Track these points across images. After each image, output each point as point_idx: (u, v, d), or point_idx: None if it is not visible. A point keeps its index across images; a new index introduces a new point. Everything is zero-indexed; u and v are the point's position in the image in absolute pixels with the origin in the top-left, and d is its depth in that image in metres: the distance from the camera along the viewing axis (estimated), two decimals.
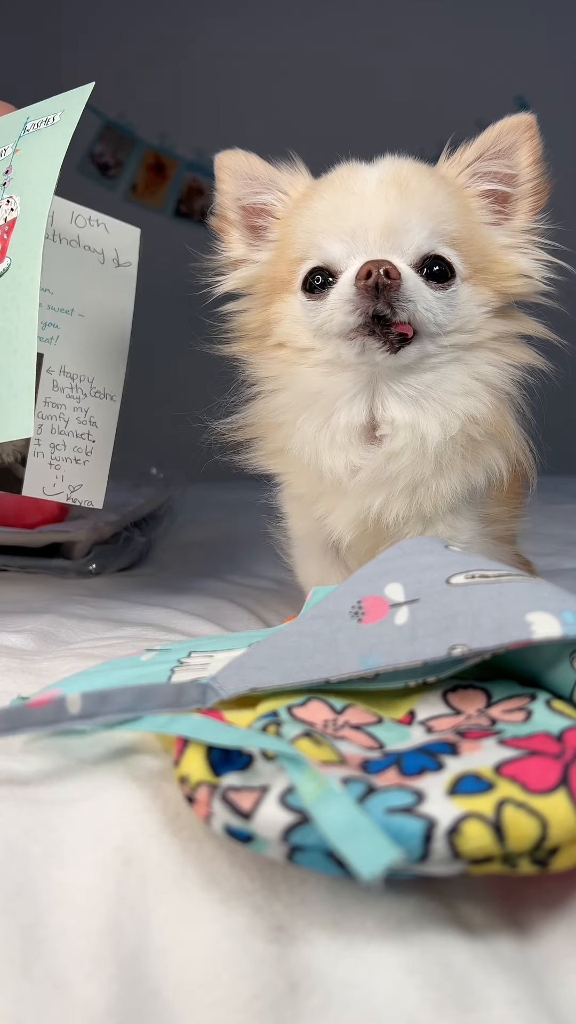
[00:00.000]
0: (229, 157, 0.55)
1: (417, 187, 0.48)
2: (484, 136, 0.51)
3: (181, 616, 0.64)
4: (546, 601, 0.29)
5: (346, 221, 0.48)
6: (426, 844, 0.23)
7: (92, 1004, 0.23)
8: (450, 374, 0.49)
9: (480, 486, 0.52)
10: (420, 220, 0.47)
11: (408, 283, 0.46)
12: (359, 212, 0.47)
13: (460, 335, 0.49)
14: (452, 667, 0.31)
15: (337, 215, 0.48)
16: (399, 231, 0.47)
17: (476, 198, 0.51)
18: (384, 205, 0.47)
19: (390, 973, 0.23)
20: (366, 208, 0.47)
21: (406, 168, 0.50)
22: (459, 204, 0.50)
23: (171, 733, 0.29)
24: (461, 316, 0.49)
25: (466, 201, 0.51)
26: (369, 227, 0.47)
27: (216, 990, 0.23)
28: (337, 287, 0.48)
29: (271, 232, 0.55)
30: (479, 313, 0.50)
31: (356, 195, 0.48)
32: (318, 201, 0.50)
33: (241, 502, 0.68)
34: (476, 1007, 0.23)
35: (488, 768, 0.25)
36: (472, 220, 0.50)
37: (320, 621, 0.33)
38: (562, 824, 0.24)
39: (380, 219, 0.47)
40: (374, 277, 0.45)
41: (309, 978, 0.23)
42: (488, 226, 0.51)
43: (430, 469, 0.49)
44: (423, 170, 0.51)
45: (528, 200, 0.51)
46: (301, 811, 0.24)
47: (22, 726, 0.31)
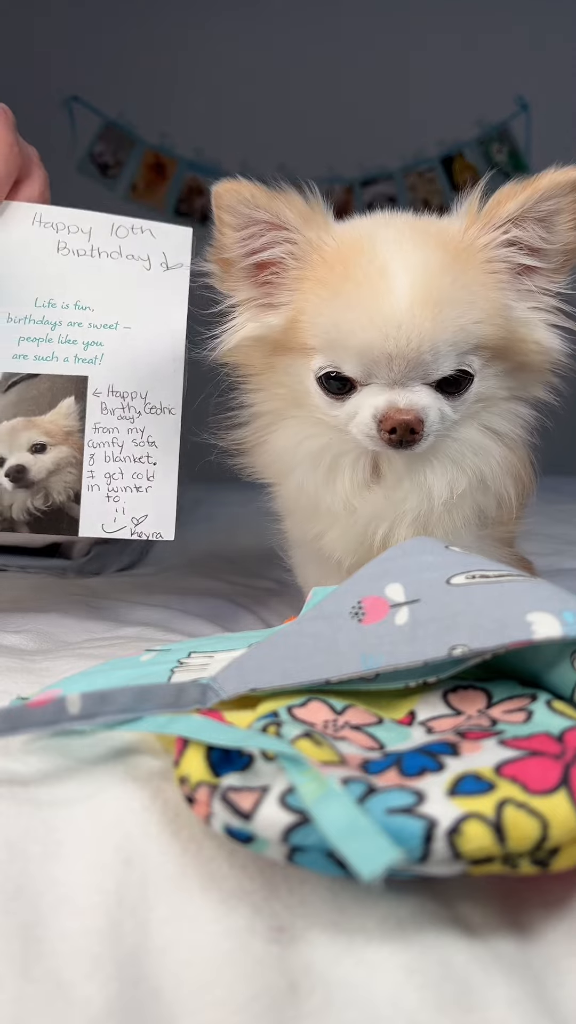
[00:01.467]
0: (230, 192, 0.47)
1: (451, 310, 0.43)
2: (524, 196, 0.45)
3: (181, 616, 0.64)
4: (546, 601, 0.29)
5: (371, 350, 0.43)
6: (426, 844, 0.23)
7: (92, 1004, 0.23)
8: (461, 435, 0.47)
9: (491, 512, 0.51)
10: (451, 348, 0.43)
11: (431, 417, 0.44)
12: (385, 343, 0.43)
13: (474, 404, 0.47)
14: (452, 667, 0.31)
15: (362, 340, 0.43)
16: (428, 363, 0.43)
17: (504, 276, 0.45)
18: (415, 339, 0.42)
19: (390, 973, 0.23)
20: (393, 340, 0.43)
21: (437, 279, 0.43)
22: (492, 298, 0.44)
23: (171, 733, 0.29)
24: (481, 397, 0.46)
25: (496, 290, 0.45)
26: (394, 358, 0.43)
27: (216, 990, 0.23)
28: (355, 404, 0.45)
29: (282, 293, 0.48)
30: (496, 383, 0.47)
31: (385, 321, 0.43)
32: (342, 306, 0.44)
33: (241, 502, 0.68)
34: (476, 1007, 0.22)
35: (489, 768, 0.25)
36: (503, 310, 0.45)
37: (320, 621, 0.33)
38: (563, 824, 0.24)
39: (410, 355, 0.43)
40: (400, 434, 0.44)
41: (309, 978, 0.23)
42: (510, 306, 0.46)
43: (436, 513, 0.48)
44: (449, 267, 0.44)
45: (557, 263, 0.46)
46: (301, 811, 0.24)
47: (22, 726, 0.31)
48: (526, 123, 2.16)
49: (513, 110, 2.16)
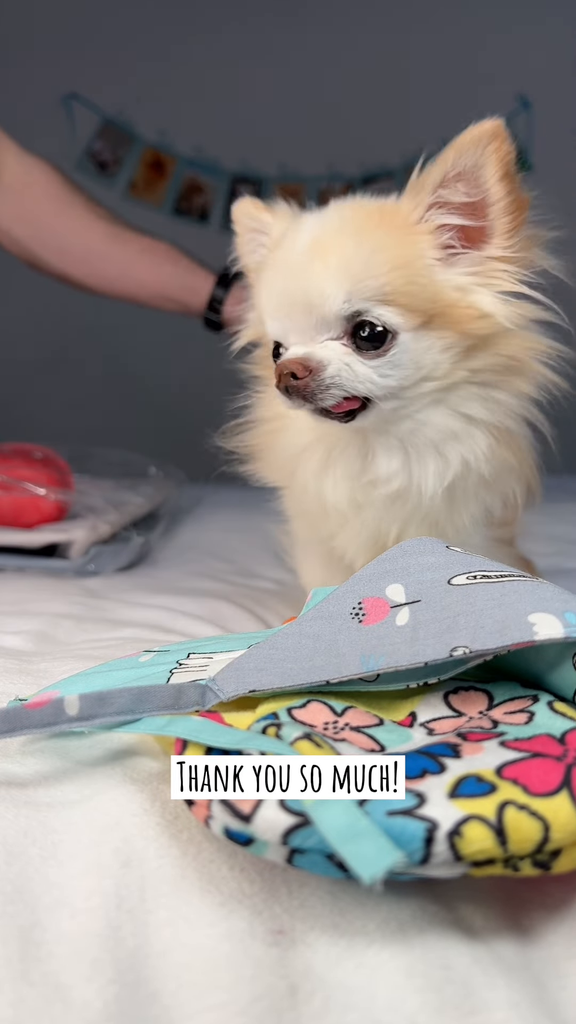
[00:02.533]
0: (237, 210, 0.53)
1: (336, 249, 0.44)
2: (443, 157, 0.45)
3: (180, 617, 0.64)
4: (548, 602, 0.29)
5: (277, 299, 0.46)
6: (427, 847, 0.23)
7: (90, 1007, 0.23)
8: (430, 419, 0.47)
9: (497, 509, 0.51)
10: (336, 287, 0.43)
11: (329, 369, 0.44)
12: (284, 289, 0.45)
13: (428, 383, 0.46)
14: (453, 668, 0.31)
15: (272, 294, 0.46)
16: (319, 304, 0.44)
17: (428, 236, 0.45)
18: (303, 278, 0.44)
19: (391, 976, 0.23)
20: (289, 283, 0.45)
21: (331, 225, 0.45)
22: (398, 253, 0.44)
23: (170, 735, 0.29)
24: (422, 366, 0.45)
25: (411, 246, 0.45)
26: (294, 304, 0.45)
27: (215, 993, 0.23)
28: None
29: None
30: (445, 359, 0.45)
31: (284, 267, 0.46)
32: (267, 272, 0.48)
33: (241, 502, 0.67)
34: (477, 1010, 0.22)
35: (490, 770, 0.25)
36: (417, 266, 0.44)
37: (321, 622, 0.33)
38: (564, 826, 0.23)
39: (300, 295, 0.44)
40: (282, 382, 0.44)
41: (309, 981, 0.23)
42: (441, 267, 0.45)
43: (441, 509, 0.48)
44: (352, 224, 0.45)
45: (501, 223, 0.45)
46: (301, 813, 0.24)
47: (20, 728, 0.31)
48: (528, 121, 2.16)
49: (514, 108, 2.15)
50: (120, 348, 2.06)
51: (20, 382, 2.02)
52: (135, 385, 2.07)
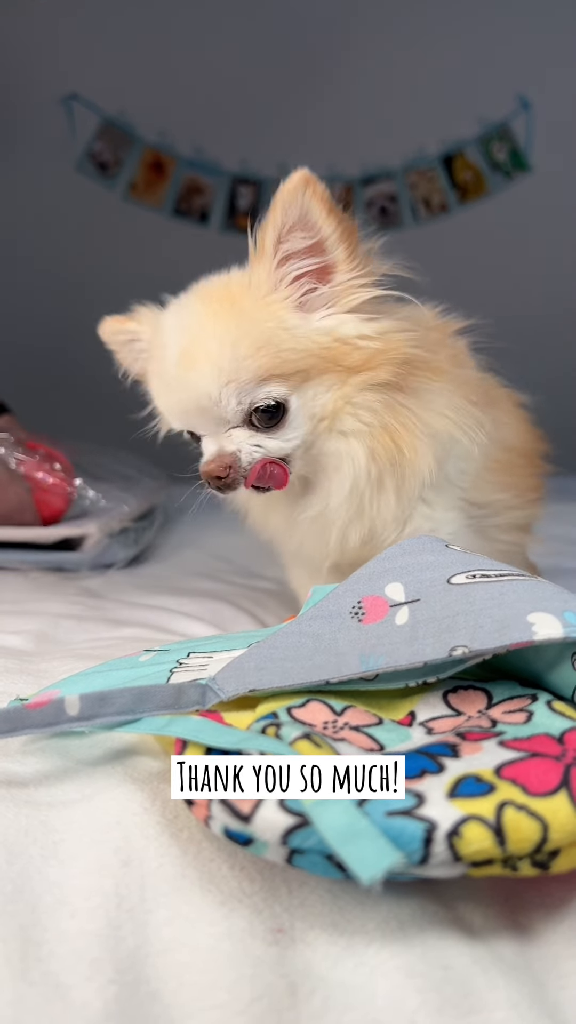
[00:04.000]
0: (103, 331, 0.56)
1: (205, 357, 0.46)
2: (269, 218, 0.47)
3: (180, 617, 0.64)
4: (547, 601, 0.29)
5: (172, 410, 0.50)
6: (426, 847, 0.23)
7: (90, 1006, 0.23)
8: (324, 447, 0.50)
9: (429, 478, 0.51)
10: (225, 391, 0.46)
11: (243, 459, 0.48)
12: (174, 401, 0.49)
13: (322, 423, 0.49)
14: (453, 667, 0.31)
15: (164, 403, 0.50)
16: (208, 410, 0.47)
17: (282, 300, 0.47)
18: (186, 391, 0.47)
19: (390, 975, 0.23)
20: (177, 396, 0.48)
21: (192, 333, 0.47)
22: (257, 332, 0.46)
23: (170, 735, 0.29)
24: (314, 414, 0.49)
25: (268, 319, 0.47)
26: (187, 412, 0.48)
27: (216, 992, 0.23)
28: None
29: None
30: (328, 397, 0.48)
31: (165, 381, 0.49)
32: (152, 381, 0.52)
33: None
34: (477, 1009, 0.22)
35: (489, 770, 0.25)
36: (281, 336, 0.47)
37: (320, 621, 0.33)
38: (563, 826, 0.23)
39: (190, 405, 0.48)
40: (213, 484, 0.48)
41: (309, 980, 0.23)
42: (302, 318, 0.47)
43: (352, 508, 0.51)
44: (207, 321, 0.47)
45: (342, 250, 0.47)
46: (301, 813, 0.24)
47: (21, 727, 0.31)
48: (527, 121, 2.16)
49: (514, 108, 2.15)
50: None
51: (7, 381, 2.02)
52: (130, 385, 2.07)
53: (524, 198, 2.13)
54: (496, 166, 2.17)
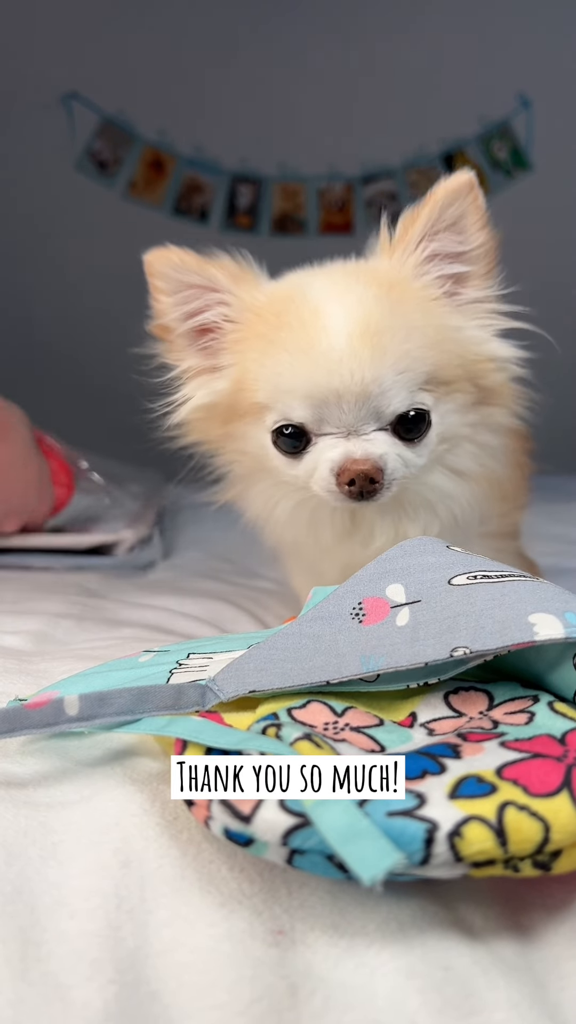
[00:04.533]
0: (161, 260, 0.47)
1: (390, 340, 0.41)
2: (427, 211, 0.44)
3: (180, 617, 0.64)
4: (548, 602, 0.29)
5: (316, 388, 0.42)
6: (427, 847, 0.23)
7: (90, 1007, 0.23)
8: (427, 480, 0.46)
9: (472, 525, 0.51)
10: (396, 381, 0.42)
11: (389, 466, 0.42)
12: (330, 379, 0.42)
13: (440, 446, 0.45)
14: (454, 668, 0.31)
15: (305, 381, 0.42)
16: (375, 396, 0.42)
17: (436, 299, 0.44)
18: (358, 370, 0.41)
19: (391, 976, 0.23)
20: (338, 374, 0.41)
21: (375, 313, 0.42)
22: (429, 326, 0.43)
23: (170, 735, 0.29)
24: (441, 435, 0.45)
25: (431, 314, 0.44)
26: (342, 394, 0.42)
27: (216, 993, 0.23)
28: (313, 458, 0.43)
29: (223, 354, 0.47)
30: (456, 419, 0.45)
31: (324, 356, 0.42)
32: (280, 353, 0.43)
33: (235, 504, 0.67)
34: (477, 1010, 0.22)
35: (490, 771, 0.25)
36: (442, 334, 0.43)
37: (320, 622, 0.33)
38: (564, 827, 0.23)
39: (355, 388, 0.41)
40: (358, 486, 0.42)
41: (309, 981, 0.23)
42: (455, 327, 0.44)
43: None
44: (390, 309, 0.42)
45: (482, 266, 0.45)
46: (301, 814, 0.24)
47: (20, 728, 0.31)
48: (528, 120, 2.16)
49: (515, 107, 2.15)
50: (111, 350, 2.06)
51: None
52: (128, 386, 2.07)
53: (525, 197, 2.13)
54: (497, 165, 2.17)
